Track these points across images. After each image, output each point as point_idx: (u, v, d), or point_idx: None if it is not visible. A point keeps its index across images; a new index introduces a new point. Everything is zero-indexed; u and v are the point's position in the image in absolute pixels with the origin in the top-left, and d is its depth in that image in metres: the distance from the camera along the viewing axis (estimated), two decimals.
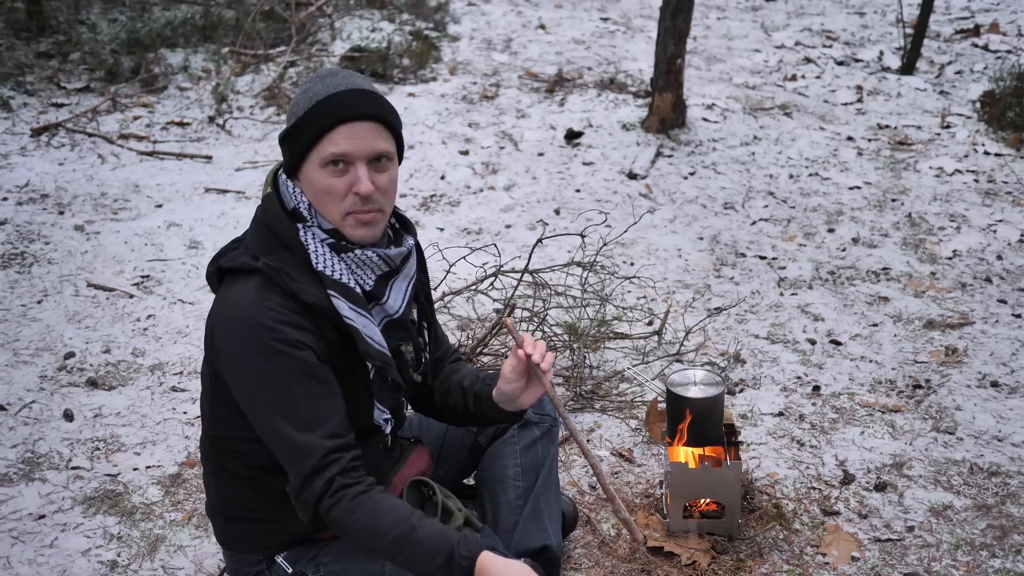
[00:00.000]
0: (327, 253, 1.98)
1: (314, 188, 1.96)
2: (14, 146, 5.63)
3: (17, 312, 3.98)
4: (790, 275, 4.47)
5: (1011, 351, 3.81)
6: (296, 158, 1.97)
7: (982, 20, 8.61)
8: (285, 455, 1.92)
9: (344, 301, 1.96)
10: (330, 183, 1.94)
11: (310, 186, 1.97)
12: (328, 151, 1.93)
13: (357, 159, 1.94)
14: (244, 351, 1.91)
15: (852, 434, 3.30)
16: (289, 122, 1.97)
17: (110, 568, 2.66)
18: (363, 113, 1.94)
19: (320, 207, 1.97)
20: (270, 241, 1.98)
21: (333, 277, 1.96)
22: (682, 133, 5.97)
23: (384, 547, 1.90)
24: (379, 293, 2.04)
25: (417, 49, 7.23)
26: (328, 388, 1.94)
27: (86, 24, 7.36)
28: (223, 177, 5.39)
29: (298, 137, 1.95)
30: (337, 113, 1.92)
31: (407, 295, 2.10)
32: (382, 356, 2.02)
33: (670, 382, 2.78)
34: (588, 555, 2.73)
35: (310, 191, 1.98)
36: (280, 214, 1.99)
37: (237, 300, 1.94)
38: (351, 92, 1.94)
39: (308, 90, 1.97)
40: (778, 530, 2.82)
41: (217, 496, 2.15)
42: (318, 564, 2.07)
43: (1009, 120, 6.19)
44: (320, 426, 1.91)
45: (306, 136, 1.94)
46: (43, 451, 3.15)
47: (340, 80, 1.96)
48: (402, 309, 2.09)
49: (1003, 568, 2.70)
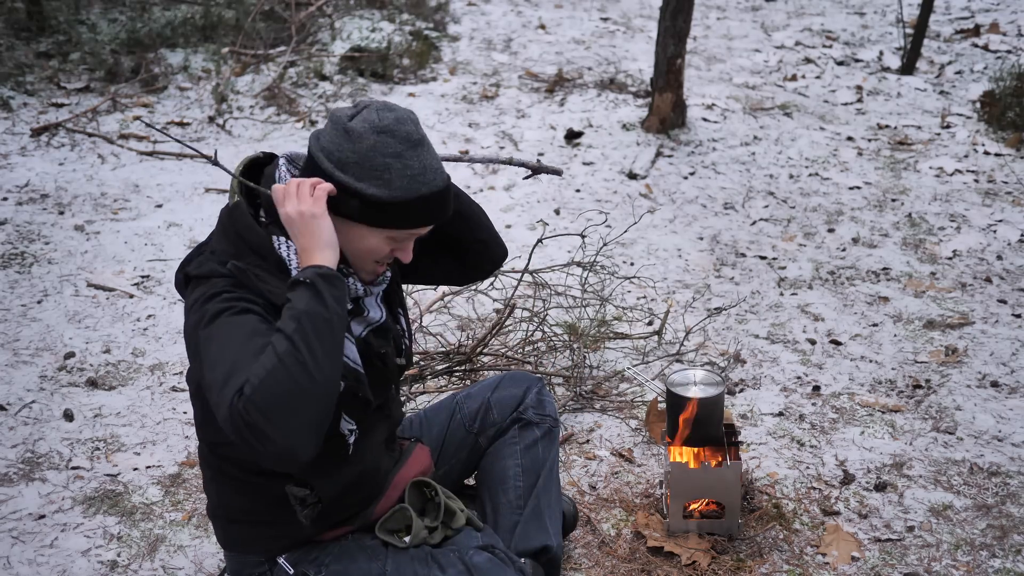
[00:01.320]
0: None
1: (363, 245, 1.97)
2: (14, 146, 5.63)
3: (17, 312, 3.98)
4: (790, 275, 4.47)
5: (1011, 351, 3.81)
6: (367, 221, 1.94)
7: (982, 20, 8.61)
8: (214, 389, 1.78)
9: None
10: (383, 248, 1.99)
11: (359, 239, 1.96)
12: (405, 233, 1.98)
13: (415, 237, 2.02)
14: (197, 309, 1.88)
15: (852, 434, 3.30)
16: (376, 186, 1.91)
17: (110, 568, 2.66)
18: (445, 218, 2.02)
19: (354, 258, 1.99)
20: (239, 246, 1.95)
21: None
22: (682, 133, 5.97)
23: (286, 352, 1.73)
24: (359, 310, 2.05)
25: (417, 49, 7.23)
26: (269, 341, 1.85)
27: (86, 24, 7.36)
28: (223, 177, 5.39)
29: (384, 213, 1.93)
30: (427, 217, 1.97)
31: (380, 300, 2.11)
32: (355, 374, 2.00)
33: (670, 382, 2.78)
34: (588, 555, 2.73)
35: (353, 240, 1.96)
36: (252, 224, 1.96)
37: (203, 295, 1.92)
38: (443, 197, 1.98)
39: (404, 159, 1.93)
40: (778, 530, 2.82)
41: (218, 500, 2.15)
42: (320, 565, 2.07)
43: (1009, 120, 6.19)
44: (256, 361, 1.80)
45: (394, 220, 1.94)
46: (43, 451, 3.15)
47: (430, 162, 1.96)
48: (383, 316, 2.10)
49: (1003, 568, 2.70)
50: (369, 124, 1.92)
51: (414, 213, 1.95)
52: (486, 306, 4.01)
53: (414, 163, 1.93)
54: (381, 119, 1.92)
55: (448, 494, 2.17)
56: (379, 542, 2.09)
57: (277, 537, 2.11)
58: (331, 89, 6.63)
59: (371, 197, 1.91)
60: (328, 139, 1.94)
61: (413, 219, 1.96)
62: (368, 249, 1.98)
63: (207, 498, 2.21)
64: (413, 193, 1.93)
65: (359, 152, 1.91)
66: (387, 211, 1.93)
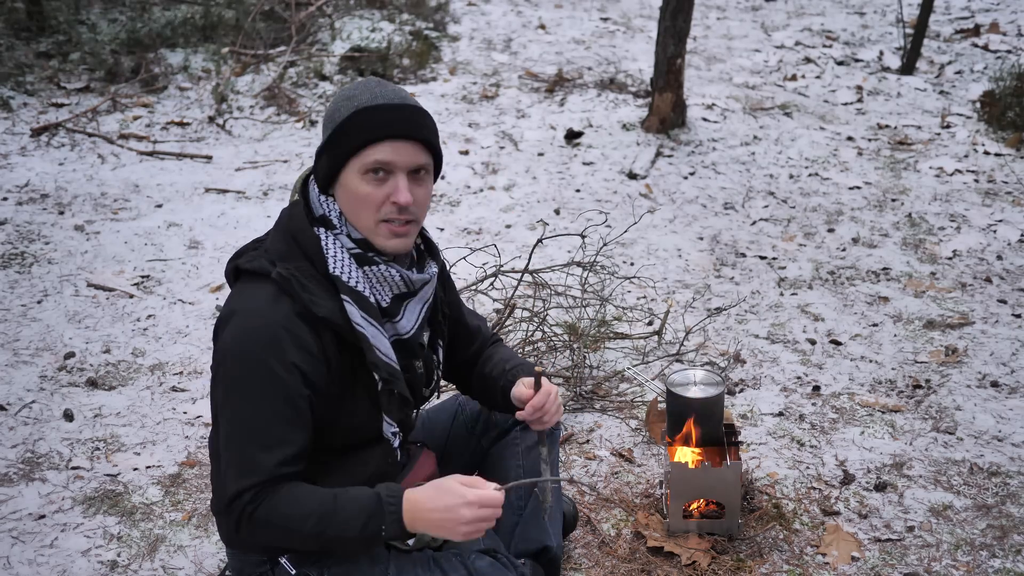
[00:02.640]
0: (347, 261, 1.96)
1: (351, 194, 1.94)
2: (14, 146, 5.63)
3: (17, 312, 3.98)
4: (790, 275, 4.47)
5: (1011, 351, 3.81)
6: (336, 164, 1.94)
7: (982, 20, 8.61)
8: (231, 463, 1.89)
9: (356, 308, 1.95)
10: (368, 190, 1.93)
11: (346, 192, 1.95)
12: (371, 158, 1.91)
13: (398, 169, 1.93)
14: (236, 354, 1.90)
15: (852, 434, 3.30)
16: (328, 128, 1.94)
17: (110, 568, 2.66)
18: (411, 134, 1.93)
19: (354, 215, 1.96)
20: (291, 248, 1.96)
21: (348, 283, 1.95)
22: (682, 133, 5.97)
23: (311, 525, 1.87)
24: (394, 311, 2.03)
25: (417, 49, 7.23)
26: (301, 417, 1.91)
27: (86, 24, 7.36)
28: (223, 177, 5.39)
29: (339, 142, 1.92)
30: (383, 127, 1.91)
31: (420, 317, 2.09)
32: (389, 368, 2.00)
33: (670, 382, 2.78)
34: (588, 555, 2.73)
35: (346, 198, 1.96)
36: (305, 224, 1.97)
37: (248, 304, 1.93)
38: (397, 108, 1.93)
39: (352, 97, 1.94)
40: (778, 530, 2.82)
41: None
42: (322, 566, 2.07)
43: (1009, 120, 6.19)
44: (276, 449, 1.89)
45: (349, 142, 1.91)
46: (43, 451, 3.15)
47: (388, 91, 1.95)
48: (413, 331, 2.07)
49: (1003, 568, 2.70)
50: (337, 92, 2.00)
51: (360, 127, 1.90)
52: (486, 306, 4.01)
53: (363, 96, 1.93)
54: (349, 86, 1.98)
55: None
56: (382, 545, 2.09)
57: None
58: (331, 89, 6.63)
59: (328, 138, 1.94)
60: None
61: (361, 132, 1.90)
62: (356, 196, 1.93)
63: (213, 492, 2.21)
64: (356, 107, 1.91)
65: (324, 116, 1.97)
66: (339, 140, 1.92)
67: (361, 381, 2.01)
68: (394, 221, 1.95)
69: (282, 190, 5.24)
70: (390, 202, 1.93)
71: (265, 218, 4.88)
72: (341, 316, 1.93)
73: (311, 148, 5.83)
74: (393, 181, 1.93)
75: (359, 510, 1.87)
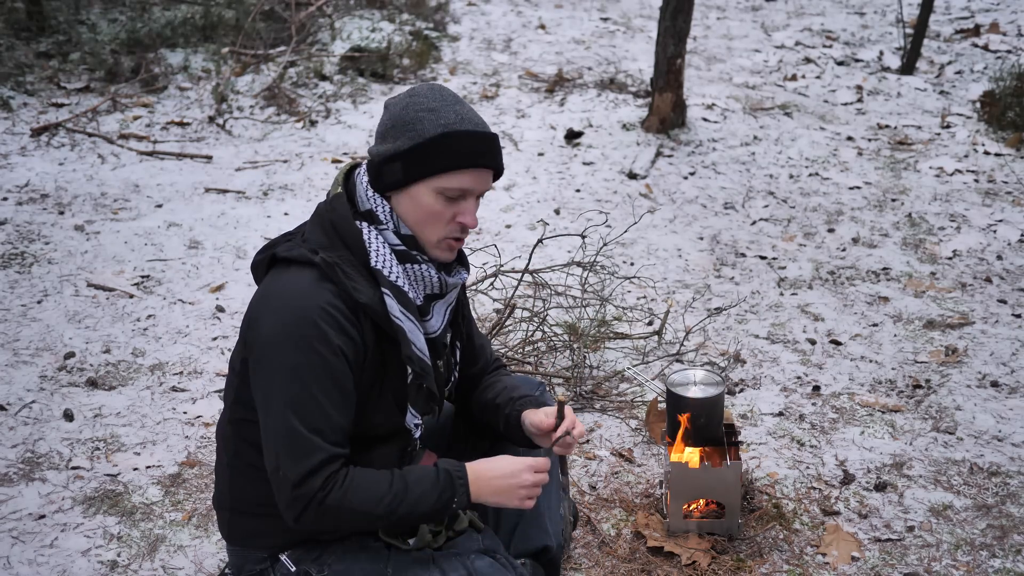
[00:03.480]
0: (389, 256, 2.00)
1: (420, 208, 1.98)
2: (14, 146, 5.63)
3: (17, 312, 3.98)
4: (790, 275, 4.47)
5: (1011, 351, 3.81)
6: (412, 177, 1.96)
7: (982, 20, 8.61)
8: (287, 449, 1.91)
9: (395, 302, 1.99)
10: (440, 209, 1.97)
11: (414, 204, 1.98)
12: (454, 184, 1.96)
13: (471, 195, 2.00)
14: (282, 339, 1.91)
15: (852, 434, 3.30)
16: (406, 137, 1.95)
17: (110, 568, 2.66)
18: (492, 165, 2.00)
19: (419, 227, 2.00)
20: (332, 238, 2.00)
21: (389, 278, 1.99)
22: (682, 133, 5.97)
23: (386, 506, 1.94)
24: (425, 310, 2.08)
25: (417, 49, 7.23)
26: (347, 400, 1.95)
27: (86, 24, 7.36)
28: (223, 177, 5.39)
29: (423, 160, 1.94)
30: (471, 158, 1.96)
31: (445, 319, 2.14)
32: (422, 363, 2.04)
33: (670, 382, 2.78)
34: (588, 555, 2.73)
35: (412, 208, 1.99)
36: (348, 214, 2.00)
37: (289, 287, 1.95)
38: (486, 139, 1.98)
39: (435, 110, 1.96)
40: (778, 530, 2.82)
41: (228, 488, 2.14)
42: (322, 564, 2.07)
43: (1009, 120, 6.19)
44: (328, 433, 1.92)
45: (435, 164, 1.94)
46: (43, 451, 3.15)
47: (472, 114, 1.98)
48: (439, 330, 2.12)
49: (1003, 568, 2.70)
50: (406, 94, 2.00)
51: (450, 152, 1.94)
52: (486, 306, 4.01)
53: (448, 114, 1.95)
54: (417, 89, 2.00)
55: None
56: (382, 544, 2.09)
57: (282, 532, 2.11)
58: (331, 89, 6.63)
59: (407, 149, 1.94)
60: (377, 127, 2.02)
61: (450, 158, 1.94)
62: (426, 211, 1.97)
63: (216, 485, 2.21)
64: (447, 130, 1.93)
65: (393, 116, 1.97)
66: (423, 157, 1.94)
67: (390, 372, 2.03)
68: (455, 239, 2.03)
69: (282, 190, 5.24)
70: (456, 222, 2.00)
71: (265, 218, 4.88)
72: (380, 307, 1.97)
73: (311, 148, 5.83)
74: (464, 204, 1.99)
75: (431, 486, 1.96)
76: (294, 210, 4.95)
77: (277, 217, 4.89)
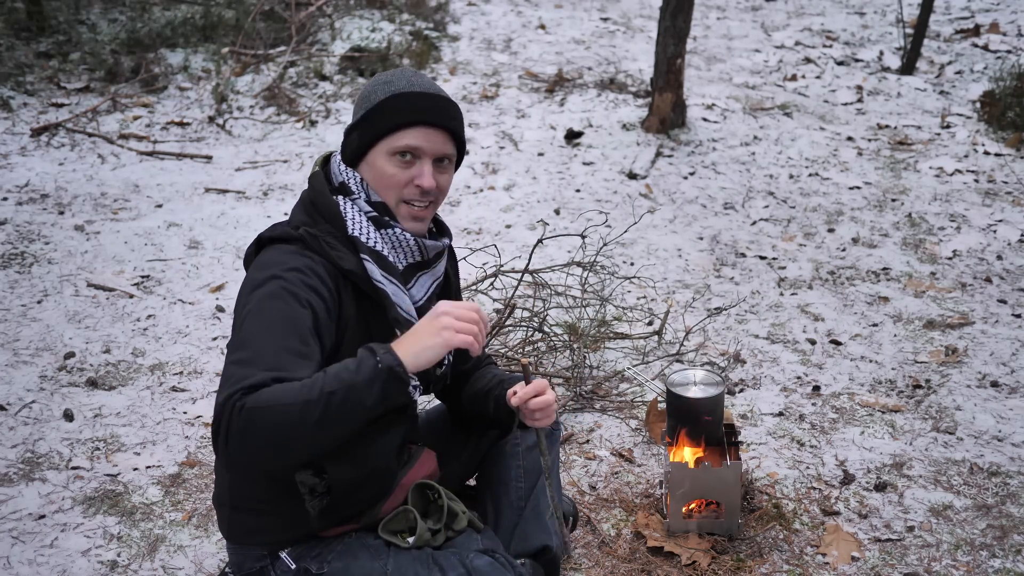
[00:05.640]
0: (365, 223, 2.06)
1: (377, 173, 2.05)
2: (14, 146, 5.63)
3: (17, 312, 3.98)
4: (790, 275, 4.47)
5: (1011, 351, 3.81)
6: (366, 142, 2.05)
7: (982, 20, 8.61)
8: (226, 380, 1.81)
9: (376, 266, 2.03)
10: (394, 171, 2.04)
11: (372, 170, 2.06)
12: (402, 142, 2.03)
13: (425, 155, 2.05)
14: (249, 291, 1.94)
15: (852, 434, 3.30)
16: (362, 108, 2.05)
17: (110, 568, 2.66)
18: (442, 123, 2.05)
19: (383, 193, 2.07)
20: (311, 215, 2.06)
21: (368, 243, 2.04)
22: (682, 133, 5.97)
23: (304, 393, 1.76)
24: (408, 277, 2.12)
25: (417, 49, 7.23)
26: (307, 350, 1.88)
27: (86, 24, 7.36)
28: (223, 177, 5.39)
29: (373, 122, 2.03)
30: (418, 113, 2.02)
31: (430, 291, 2.17)
32: (409, 324, 2.05)
33: (670, 382, 2.78)
34: (588, 555, 2.73)
35: (371, 176, 2.07)
36: (324, 189, 2.07)
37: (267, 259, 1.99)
38: (432, 97, 2.04)
39: (389, 82, 2.05)
40: (778, 530, 2.82)
41: (228, 485, 2.14)
42: (322, 561, 2.07)
43: (1009, 120, 6.19)
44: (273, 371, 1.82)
45: (383, 124, 2.03)
46: (43, 451, 3.15)
47: (424, 81, 2.07)
48: (423, 300, 2.15)
49: (1003, 568, 2.70)
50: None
51: (393, 111, 2.01)
52: (486, 306, 4.01)
53: (400, 82, 2.04)
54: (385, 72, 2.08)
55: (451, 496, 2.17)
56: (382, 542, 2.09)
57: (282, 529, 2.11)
58: (331, 89, 6.63)
59: (360, 117, 2.05)
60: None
61: (393, 116, 2.01)
62: (384, 175, 2.04)
63: (216, 483, 2.21)
64: (392, 92, 2.02)
65: (359, 96, 2.08)
66: (373, 120, 2.03)
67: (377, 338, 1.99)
68: (414, 204, 2.06)
69: (282, 190, 5.24)
70: (414, 185, 2.04)
71: (265, 218, 4.88)
72: (363, 272, 2.01)
73: (311, 148, 5.83)
74: (419, 166, 2.04)
75: (352, 362, 1.82)
76: None
77: (277, 217, 4.89)
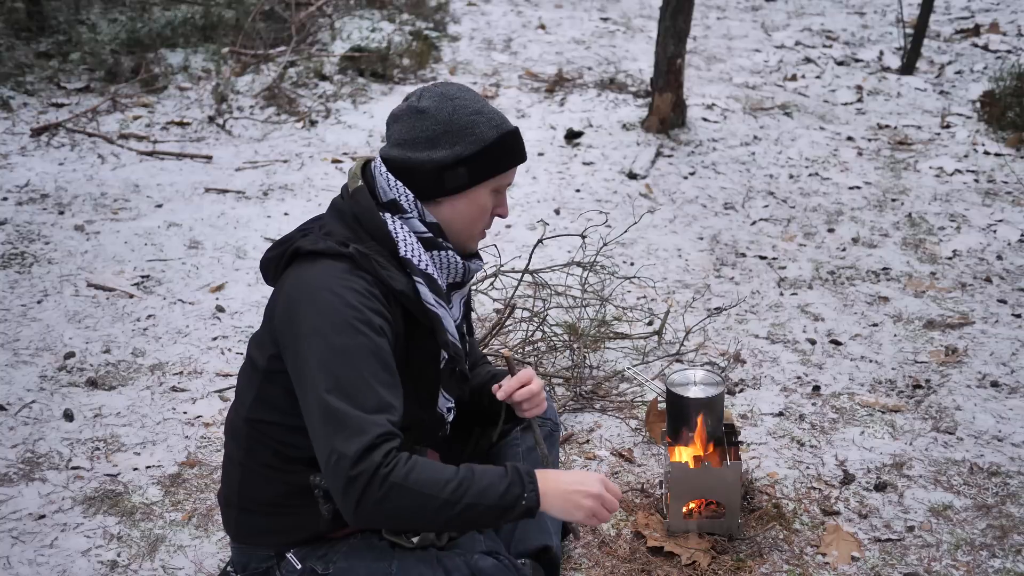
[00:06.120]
0: (416, 245, 2.04)
1: (477, 207, 2.08)
2: (14, 146, 5.63)
3: (17, 312, 3.98)
4: (790, 275, 4.47)
5: (1011, 351, 3.81)
6: (477, 179, 2.05)
7: (982, 20, 8.61)
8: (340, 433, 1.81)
9: (428, 289, 2.02)
10: (491, 205, 2.10)
11: (471, 204, 2.07)
12: (507, 181, 2.11)
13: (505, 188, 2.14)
14: (325, 326, 1.88)
15: (852, 434, 3.30)
16: (471, 143, 2.02)
17: (110, 568, 2.66)
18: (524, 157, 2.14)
19: (471, 222, 2.09)
20: (356, 231, 2.02)
21: (419, 266, 2.02)
22: (682, 133, 5.97)
23: (451, 491, 1.84)
24: (447, 299, 2.11)
25: (417, 49, 7.23)
26: (395, 380, 1.92)
27: (86, 24, 7.36)
28: (223, 177, 5.39)
29: (490, 163, 2.05)
30: (518, 155, 2.10)
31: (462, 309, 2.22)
32: (455, 348, 2.09)
33: (670, 382, 2.78)
34: (588, 555, 2.73)
35: (468, 208, 2.07)
36: (371, 206, 2.03)
37: (322, 277, 1.93)
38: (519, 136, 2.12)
39: (480, 112, 2.05)
40: (778, 530, 2.82)
41: (238, 486, 2.13)
42: (327, 561, 2.07)
43: (1009, 120, 6.19)
44: (383, 412, 1.86)
45: (498, 165, 2.06)
46: (43, 451, 3.15)
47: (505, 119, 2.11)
48: (459, 319, 2.19)
49: (1003, 568, 2.70)
50: (438, 97, 2.03)
51: (508, 152, 2.07)
52: (486, 306, 4.01)
53: (491, 114, 2.07)
54: (445, 91, 2.05)
55: None
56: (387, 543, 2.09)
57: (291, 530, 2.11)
58: (331, 89, 6.63)
59: (473, 154, 2.02)
60: (404, 132, 2.03)
61: (509, 157, 2.08)
62: (480, 209, 2.08)
63: (224, 483, 2.19)
64: (501, 131, 2.05)
65: (443, 122, 2.01)
66: (489, 159, 2.04)
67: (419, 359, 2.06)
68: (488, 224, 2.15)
69: (282, 190, 5.24)
70: (495, 214, 2.13)
71: (265, 218, 4.88)
72: (415, 295, 2.01)
73: (311, 148, 5.83)
74: (502, 197, 2.12)
75: (498, 479, 1.89)
76: (294, 210, 4.95)
77: (277, 217, 4.89)
